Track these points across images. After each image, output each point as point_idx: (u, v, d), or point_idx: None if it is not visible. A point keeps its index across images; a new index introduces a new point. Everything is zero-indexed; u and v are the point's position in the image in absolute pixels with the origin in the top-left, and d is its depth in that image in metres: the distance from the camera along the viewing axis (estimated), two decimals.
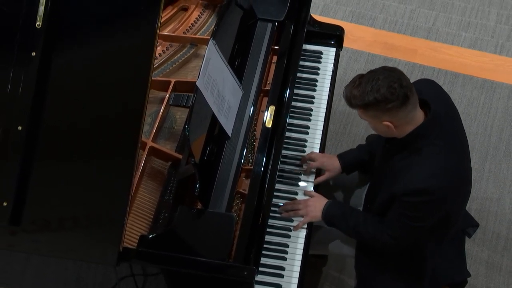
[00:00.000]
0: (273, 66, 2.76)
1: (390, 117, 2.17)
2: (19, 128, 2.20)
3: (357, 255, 2.56)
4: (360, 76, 2.20)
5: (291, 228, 2.48)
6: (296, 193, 2.58)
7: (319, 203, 2.48)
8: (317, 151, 2.67)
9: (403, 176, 2.23)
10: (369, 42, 4.05)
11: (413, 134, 2.22)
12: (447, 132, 2.27)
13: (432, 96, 2.29)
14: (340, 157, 2.63)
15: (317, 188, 2.62)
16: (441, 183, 2.19)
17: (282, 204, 2.53)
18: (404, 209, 2.25)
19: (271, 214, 2.48)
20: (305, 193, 2.56)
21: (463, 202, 2.44)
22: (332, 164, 2.61)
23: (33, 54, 2.22)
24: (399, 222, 2.29)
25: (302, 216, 2.48)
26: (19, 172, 2.18)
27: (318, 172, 2.64)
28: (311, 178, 2.62)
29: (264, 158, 2.47)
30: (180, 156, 2.47)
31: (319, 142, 2.71)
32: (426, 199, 2.20)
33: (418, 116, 2.22)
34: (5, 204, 2.17)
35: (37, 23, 2.24)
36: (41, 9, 2.24)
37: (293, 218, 2.50)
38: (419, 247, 2.43)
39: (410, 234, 2.31)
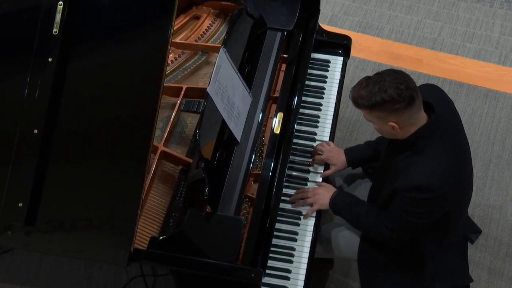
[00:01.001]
0: (282, 74, 2.76)
1: (395, 118, 2.18)
2: (35, 131, 2.21)
3: (359, 259, 2.56)
4: (367, 78, 2.20)
5: (300, 217, 2.51)
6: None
7: (328, 191, 2.51)
8: (327, 141, 2.70)
9: (405, 174, 2.24)
10: (376, 51, 4.05)
11: (415, 135, 2.23)
12: (449, 135, 2.27)
13: (435, 99, 2.30)
14: (347, 151, 2.65)
15: (324, 180, 2.64)
16: (441, 181, 2.20)
17: (289, 208, 2.54)
18: (405, 204, 2.26)
19: (278, 218, 2.48)
20: (322, 175, 2.61)
21: (463, 204, 2.44)
22: (338, 158, 2.63)
23: (50, 59, 2.23)
24: (399, 216, 2.31)
25: (311, 205, 2.51)
26: (34, 174, 2.19)
27: (327, 166, 2.66)
28: (318, 180, 2.63)
29: (272, 163, 2.48)
30: (191, 160, 2.47)
31: None
32: (426, 196, 2.20)
33: (422, 118, 2.23)
34: (20, 204, 2.18)
35: (54, 30, 2.25)
36: (58, 16, 2.25)
37: (302, 207, 2.53)
38: (420, 248, 2.43)
39: (408, 229, 2.34)
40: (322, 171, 2.65)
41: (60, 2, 2.25)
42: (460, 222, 2.47)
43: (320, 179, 2.63)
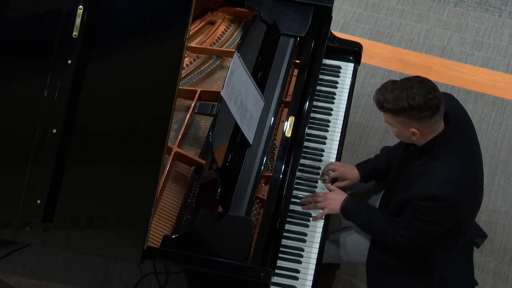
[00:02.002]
0: (294, 79, 2.76)
1: (418, 125, 2.17)
2: (54, 131, 2.22)
3: (368, 261, 2.55)
4: (393, 82, 2.19)
5: (309, 219, 2.51)
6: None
7: (339, 196, 2.50)
8: (334, 161, 2.67)
9: (419, 181, 2.23)
10: (386, 58, 4.04)
11: (432, 142, 2.22)
12: (463, 143, 2.26)
13: (451, 108, 2.29)
14: (359, 166, 2.63)
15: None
16: (454, 190, 2.19)
17: (299, 210, 2.53)
18: (418, 212, 2.24)
19: (288, 219, 2.48)
20: (327, 186, 2.58)
21: (474, 211, 2.42)
22: (352, 173, 2.61)
23: (69, 62, 2.25)
24: (412, 224, 2.29)
25: (322, 209, 2.50)
26: (52, 172, 2.21)
27: (335, 180, 2.64)
28: (330, 184, 2.62)
29: (283, 166, 2.48)
30: (203, 162, 2.47)
31: (336, 152, 2.71)
32: (439, 204, 2.19)
33: (440, 126, 2.22)
34: (38, 201, 2.20)
35: (74, 33, 2.27)
36: (78, 20, 2.27)
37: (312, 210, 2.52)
38: (429, 254, 2.41)
39: (420, 236, 2.31)
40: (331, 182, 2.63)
41: (80, 7, 2.27)
42: (469, 229, 2.46)
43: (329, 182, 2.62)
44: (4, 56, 2.30)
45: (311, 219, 2.51)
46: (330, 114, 2.80)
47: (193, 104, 2.62)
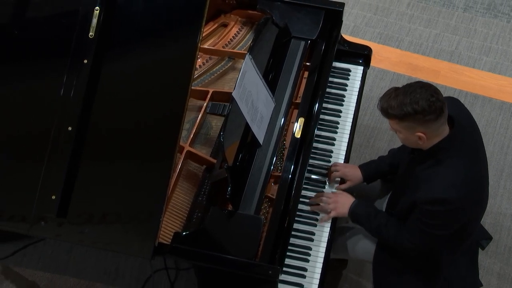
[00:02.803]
0: (304, 81, 2.76)
1: (424, 128, 2.16)
2: (69, 128, 2.23)
3: (375, 261, 2.54)
4: (396, 89, 2.18)
5: (317, 218, 2.49)
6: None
7: (347, 200, 2.48)
8: (342, 162, 2.66)
9: (425, 185, 2.22)
10: (395, 62, 4.02)
11: (438, 146, 2.21)
12: (468, 146, 2.25)
13: (456, 112, 2.28)
14: (362, 167, 2.62)
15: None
16: (460, 193, 2.17)
17: (307, 209, 2.53)
18: (424, 216, 2.23)
19: (296, 218, 2.48)
20: (337, 187, 2.57)
21: (479, 214, 2.41)
22: (354, 174, 2.60)
23: (85, 61, 2.26)
24: (419, 228, 2.27)
25: (329, 211, 2.48)
26: (67, 169, 2.22)
27: (343, 180, 2.63)
28: (335, 185, 2.61)
29: (292, 166, 2.47)
30: (214, 161, 2.48)
31: (344, 154, 2.70)
32: (444, 208, 2.18)
33: (445, 130, 2.21)
34: (53, 197, 2.21)
35: (90, 33, 2.27)
36: (94, 21, 2.28)
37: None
38: (435, 255, 2.40)
39: (428, 240, 2.30)
40: (338, 183, 2.62)
41: (97, 8, 2.28)
42: (475, 231, 2.44)
43: (337, 180, 2.61)
44: (24, 55, 2.32)
45: (318, 218, 2.50)
46: (339, 116, 2.79)
47: (205, 104, 2.62)
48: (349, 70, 2.93)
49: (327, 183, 2.62)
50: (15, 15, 2.32)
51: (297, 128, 2.57)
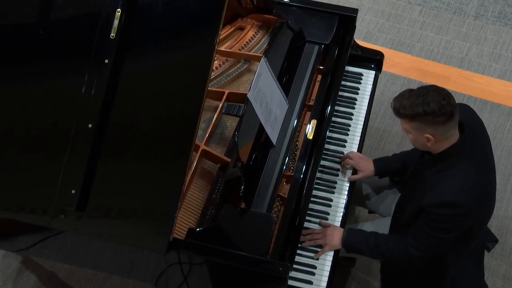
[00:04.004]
0: (317, 84, 2.75)
1: (433, 130, 2.14)
2: (89, 125, 2.24)
3: (382, 262, 2.52)
4: (410, 90, 2.18)
5: (328, 217, 2.47)
6: (331, 200, 2.56)
7: (337, 232, 2.42)
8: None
9: (433, 190, 2.20)
10: (406, 67, 4.01)
11: (447, 151, 2.19)
12: (478, 153, 2.23)
13: (466, 119, 2.26)
14: (376, 161, 2.61)
15: (351, 185, 2.60)
16: (468, 198, 2.15)
17: (318, 208, 2.52)
18: (431, 220, 2.21)
19: (307, 217, 2.47)
20: (320, 222, 2.48)
21: (486, 218, 2.38)
22: (367, 166, 2.59)
23: (106, 61, 2.27)
24: (425, 233, 2.24)
25: (322, 246, 2.42)
26: (86, 165, 2.23)
27: (355, 172, 2.62)
28: (345, 188, 2.59)
29: (304, 166, 2.47)
30: (229, 160, 2.48)
31: None
32: (452, 212, 2.16)
33: (455, 135, 2.19)
34: (73, 191, 2.22)
35: (111, 34, 2.28)
36: (116, 22, 2.28)
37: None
38: (441, 257, 2.38)
39: (435, 245, 2.26)
40: (350, 176, 2.62)
41: (118, 9, 2.28)
42: (480, 235, 2.42)
43: (347, 184, 2.60)
44: (48, 54, 2.33)
45: (328, 217, 2.48)
46: (351, 119, 2.78)
47: (220, 104, 2.62)
48: (361, 74, 2.92)
49: (337, 182, 2.60)
50: (40, 15, 2.34)
51: (310, 129, 2.57)
